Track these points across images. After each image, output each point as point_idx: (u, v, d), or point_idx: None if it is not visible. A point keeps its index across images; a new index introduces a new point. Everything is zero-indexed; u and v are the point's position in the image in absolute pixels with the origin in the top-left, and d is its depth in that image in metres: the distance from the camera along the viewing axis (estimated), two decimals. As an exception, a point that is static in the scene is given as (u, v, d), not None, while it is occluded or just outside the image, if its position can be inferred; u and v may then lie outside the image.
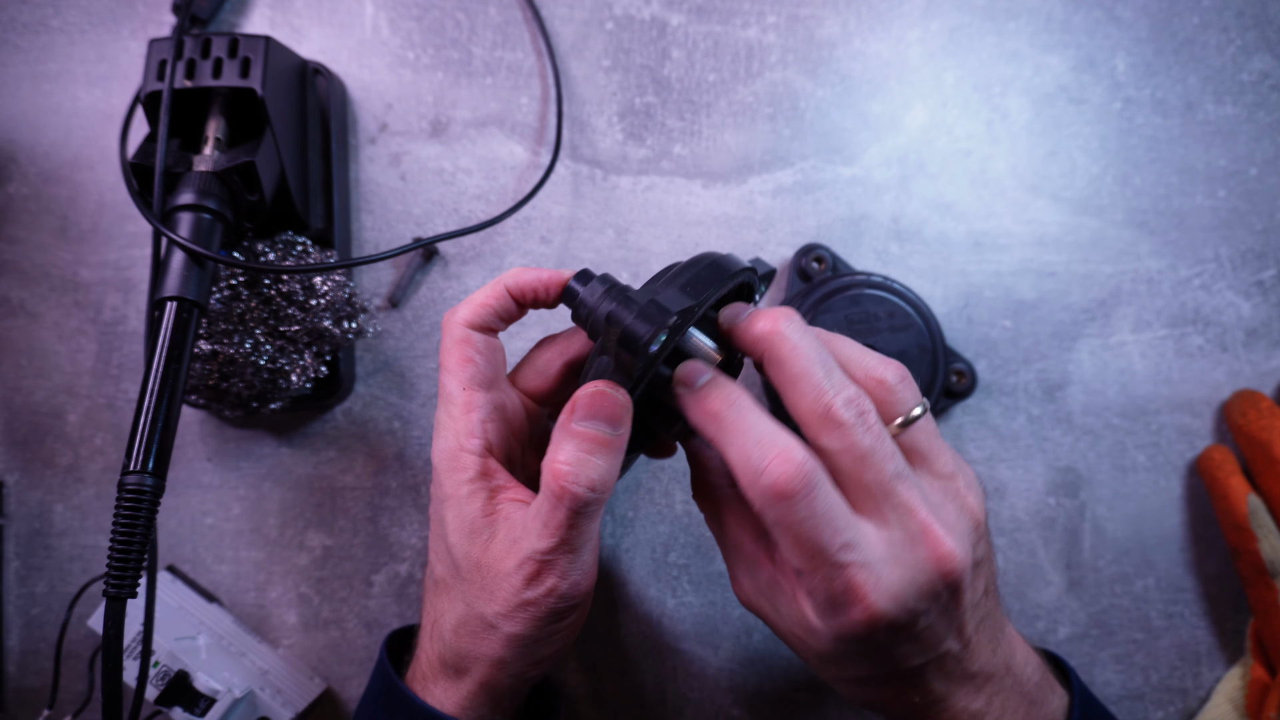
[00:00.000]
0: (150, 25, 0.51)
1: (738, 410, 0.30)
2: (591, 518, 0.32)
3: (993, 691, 0.34)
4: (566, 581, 0.33)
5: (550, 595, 0.33)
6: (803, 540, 0.29)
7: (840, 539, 0.29)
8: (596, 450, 0.31)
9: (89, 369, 0.50)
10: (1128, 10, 0.52)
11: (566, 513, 0.31)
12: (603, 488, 0.31)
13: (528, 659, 0.35)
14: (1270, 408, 0.48)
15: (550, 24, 0.52)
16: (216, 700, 0.45)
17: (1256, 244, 0.51)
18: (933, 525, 0.30)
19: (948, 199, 0.51)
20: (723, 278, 0.32)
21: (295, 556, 0.50)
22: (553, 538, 0.32)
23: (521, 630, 0.33)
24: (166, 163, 0.40)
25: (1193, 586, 0.50)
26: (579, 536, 0.32)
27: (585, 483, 0.31)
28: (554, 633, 0.34)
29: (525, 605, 0.33)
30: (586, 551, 0.33)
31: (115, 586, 0.34)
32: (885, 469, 0.30)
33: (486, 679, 0.35)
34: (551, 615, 0.33)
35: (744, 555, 0.34)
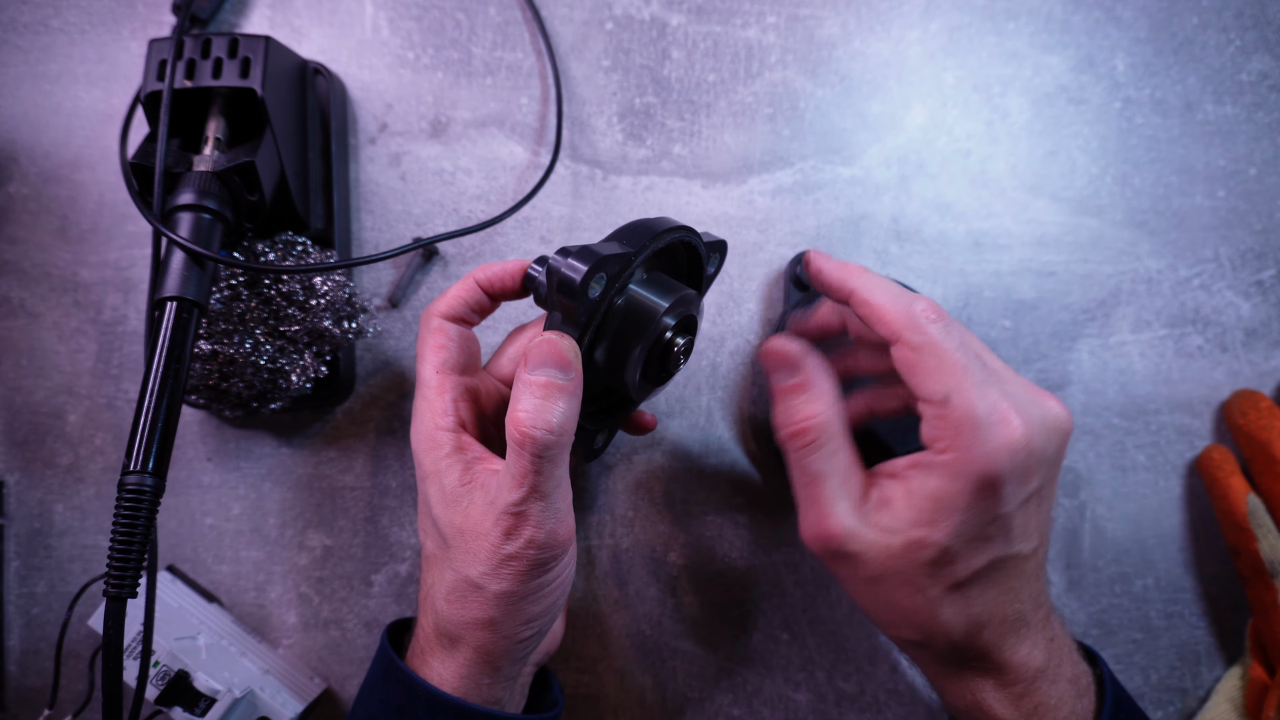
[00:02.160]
0: (150, 25, 0.51)
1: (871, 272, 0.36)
2: (555, 462, 0.33)
3: (1053, 632, 0.36)
4: (542, 531, 0.33)
5: (530, 546, 0.34)
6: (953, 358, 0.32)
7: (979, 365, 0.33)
8: (550, 395, 0.33)
9: (89, 369, 0.50)
10: (1127, 10, 0.52)
11: (530, 458, 0.32)
12: (560, 430, 0.32)
13: (518, 618, 0.35)
14: (1270, 408, 0.48)
15: (550, 24, 0.52)
16: (216, 700, 0.45)
17: (1256, 244, 0.51)
18: (1045, 392, 0.34)
19: (947, 199, 0.51)
20: (656, 231, 0.35)
21: (295, 556, 0.50)
22: (521, 487, 0.33)
23: (507, 586, 0.34)
24: (166, 163, 0.40)
25: (1192, 586, 0.50)
26: (546, 482, 0.33)
27: (543, 425, 0.32)
28: (540, 587, 0.35)
29: (507, 560, 0.34)
30: (558, 499, 0.34)
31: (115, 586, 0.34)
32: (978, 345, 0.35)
33: (480, 643, 0.36)
34: (534, 567, 0.34)
35: (851, 482, 0.35)
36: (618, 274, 0.34)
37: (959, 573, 0.33)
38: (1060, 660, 0.36)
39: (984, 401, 0.32)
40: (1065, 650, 0.36)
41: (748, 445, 0.50)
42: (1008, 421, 0.31)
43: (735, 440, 0.50)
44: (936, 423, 0.33)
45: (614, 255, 0.34)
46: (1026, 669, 0.34)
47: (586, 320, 0.34)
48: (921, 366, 0.33)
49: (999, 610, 0.34)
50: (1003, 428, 0.31)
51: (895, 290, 0.34)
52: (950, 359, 0.32)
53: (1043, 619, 0.35)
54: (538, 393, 0.33)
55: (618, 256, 0.34)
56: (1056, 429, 0.33)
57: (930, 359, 0.32)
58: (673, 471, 0.50)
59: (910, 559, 0.33)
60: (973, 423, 0.31)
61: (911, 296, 0.34)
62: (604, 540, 0.50)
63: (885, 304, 0.34)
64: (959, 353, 0.32)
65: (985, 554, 0.33)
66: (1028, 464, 0.32)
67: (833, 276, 0.37)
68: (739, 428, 0.51)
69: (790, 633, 0.50)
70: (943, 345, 0.32)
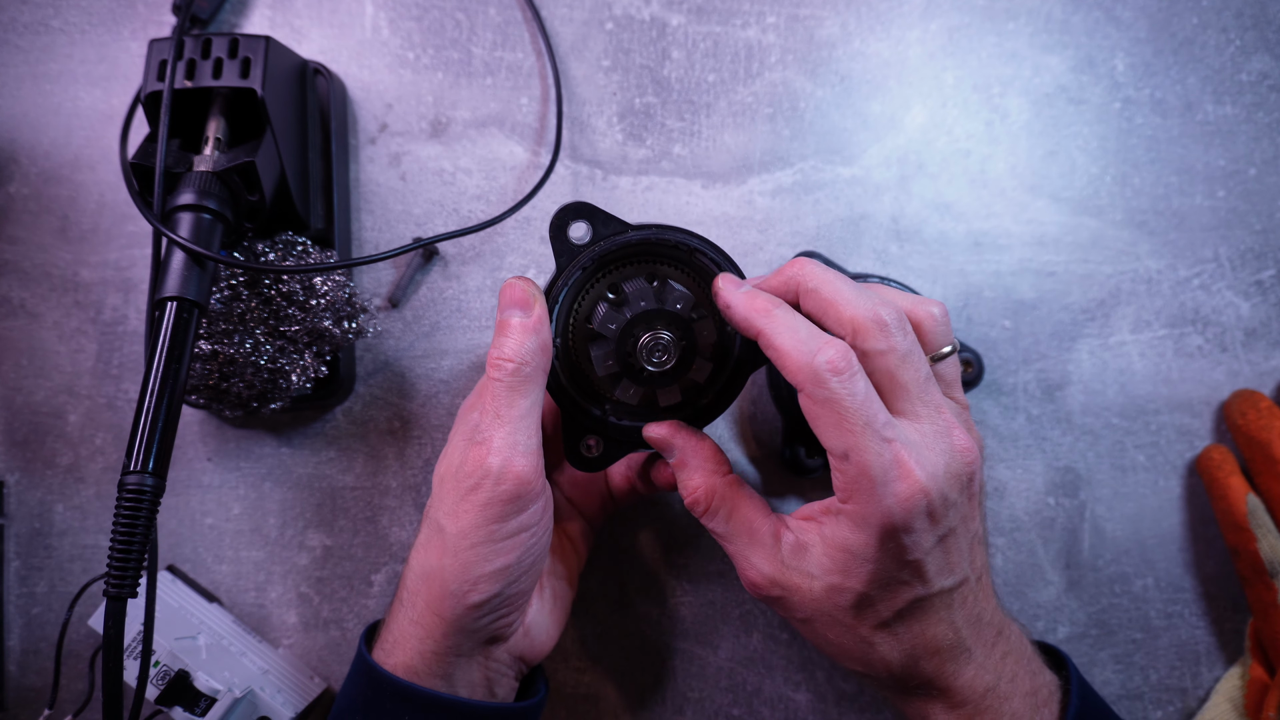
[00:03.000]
0: (150, 25, 0.51)
1: (784, 310, 0.34)
2: (518, 390, 0.35)
3: (1003, 650, 0.36)
4: (499, 457, 0.35)
5: (486, 476, 0.35)
6: (852, 415, 0.32)
7: (884, 417, 0.32)
8: (512, 330, 0.35)
9: (89, 369, 0.50)
10: (1127, 10, 0.52)
11: (492, 384, 0.35)
12: (519, 357, 0.35)
13: (469, 570, 0.36)
14: (1269, 408, 0.48)
15: (550, 24, 0.52)
16: (216, 700, 0.45)
17: (1256, 244, 0.51)
18: (954, 424, 0.34)
19: (947, 199, 0.51)
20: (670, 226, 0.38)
21: (295, 556, 0.50)
22: (487, 415, 0.35)
23: (462, 525, 0.35)
24: (166, 163, 0.40)
25: (1192, 586, 0.50)
26: (507, 409, 0.35)
27: (504, 353, 0.35)
28: (493, 536, 0.35)
29: (466, 495, 0.35)
30: (521, 432, 0.35)
31: (115, 586, 0.34)
32: (921, 369, 0.34)
33: (431, 595, 0.37)
34: (490, 504, 0.35)
35: (759, 533, 0.36)
36: (608, 236, 0.37)
37: (882, 614, 0.34)
38: (1015, 675, 0.36)
39: (880, 457, 0.31)
40: (1021, 664, 0.37)
41: (748, 445, 0.50)
42: (905, 475, 0.32)
43: (735, 440, 0.51)
44: (839, 475, 0.33)
45: (603, 212, 0.37)
46: (974, 690, 0.35)
47: (566, 262, 0.37)
48: (822, 420, 0.32)
49: (932, 641, 0.35)
50: (900, 483, 0.32)
51: (802, 335, 0.33)
52: (849, 416, 0.32)
53: (990, 639, 0.36)
54: (503, 330, 0.36)
55: (609, 217, 0.37)
56: (960, 470, 0.33)
57: (830, 414, 0.32)
58: (673, 471, 0.50)
59: (833, 602, 0.34)
60: (869, 479, 0.32)
61: (819, 343, 0.32)
62: (604, 540, 0.50)
63: (789, 351, 0.33)
64: (860, 408, 0.32)
65: (904, 595, 0.34)
66: (931, 511, 0.32)
67: (739, 313, 0.35)
68: (739, 428, 0.51)
69: (790, 633, 0.50)
70: (843, 401, 0.32)
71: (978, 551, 0.35)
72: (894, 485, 0.31)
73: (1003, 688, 0.35)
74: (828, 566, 0.34)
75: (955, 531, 0.33)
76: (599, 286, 0.39)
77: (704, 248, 0.37)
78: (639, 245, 0.37)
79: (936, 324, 0.36)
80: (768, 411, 0.50)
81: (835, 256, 0.51)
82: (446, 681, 0.38)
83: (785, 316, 0.34)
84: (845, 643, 0.36)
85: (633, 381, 0.38)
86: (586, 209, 0.37)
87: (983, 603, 0.36)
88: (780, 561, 0.35)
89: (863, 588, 0.33)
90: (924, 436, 0.33)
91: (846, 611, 0.34)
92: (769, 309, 0.34)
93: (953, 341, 0.37)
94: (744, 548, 0.37)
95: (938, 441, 0.33)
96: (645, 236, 0.37)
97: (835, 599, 0.34)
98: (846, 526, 0.33)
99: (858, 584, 0.33)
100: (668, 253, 0.38)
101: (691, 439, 0.38)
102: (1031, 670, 0.37)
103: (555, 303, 0.38)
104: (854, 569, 0.33)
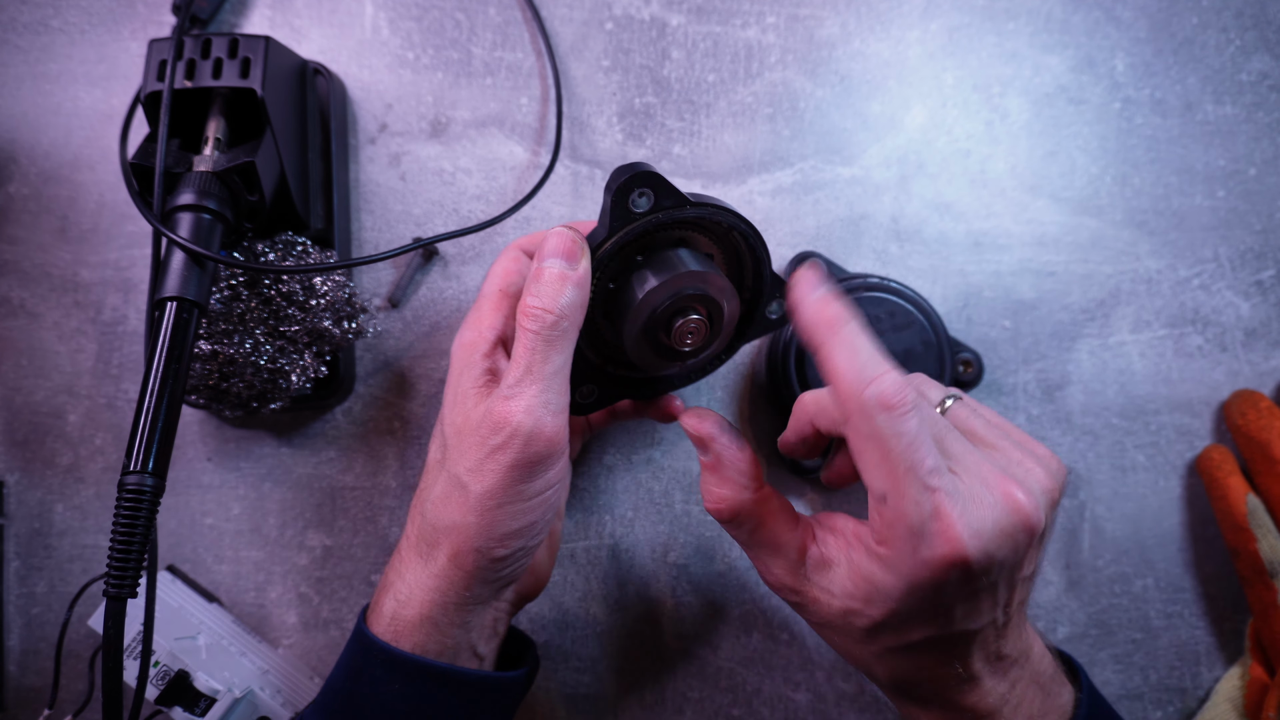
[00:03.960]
0: (150, 25, 0.51)
1: (852, 326, 0.31)
2: (554, 345, 0.34)
3: (1016, 677, 0.35)
4: (531, 418, 0.33)
5: (515, 436, 0.33)
6: (895, 457, 0.29)
7: (931, 462, 0.29)
8: (554, 281, 0.34)
9: (89, 369, 0.50)
10: (1127, 10, 0.52)
11: (529, 336, 0.33)
12: (560, 311, 0.33)
13: (494, 529, 0.35)
14: (1269, 408, 0.48)
15: (550, 24, 0.52)
16: (216, 700, 0.45)
17: (1256, 244, 0.51)
18: (1004, 477, 0.31)
19: (947, 199, 0.51)
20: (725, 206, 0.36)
21: (295, 556, 0.50)
22: (518, 368, 0.34)
23: (489, 483, 0.34)
24: (166, 163, 0.40)
25: (1192, 586, 0.50)
26: (543, 365, 0.33)
27: (545, 305, 0.33)
28: (520, 495, 0.35)
29: (493, 453, 0.34)
30: (552, 392, 0.34)
31: (115, 586, 0.34)
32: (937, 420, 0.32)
33: (455, 550, 0.35)
34: (517, 465, 0.34)
35: (784, 547, 0.35)
36: (668, 207, 0.35)
37: (893, 642, 0.33)
38: (1023, 699, 0.35)
39: (920, 508, 0.29)
40: (1033, 688, 0.35)
41: (748, 445, 0.50)
42: (944, 532, 0.29)
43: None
44: (875, 516, 0.31)
45: (667, 183, 0.34)
46: (975, 711, 0.34)
47: (619, 226, 0.35)
48: (864, 457, 0.30)
49: (937, 672, 0.34)
50: (940, 540, 0.29)
51: (861, 360, 0.30)
52: (893, 457, 0.29)
53: (1004, 669, 0.34)
54: (544, 278, 0.34)
55: (671, 189, 0.35)
56: (1015, 531, 0.30)
57: (873, 452, 0.30)
58: (673, 472, 0.50)
59: (847, 622, 0.33)
60: (907, 531, 0.29)
61: (874, 373, 0.30)
62: (604, 540, 0.50)
63: (841, 375, 0.30)
64: (905, 451, 0.29)
65: (920, 632, 0.32)
66: (968, 575, 0.30)
67: (807, 318, 0.32)
68: (739, 427, 0.51)
69: (790, 633, 0.50)
70: (887, 441, 0.29)
71: (1019, 592, 0.33)
72: (931, 541, 0.29)
73: (1006, 712, 0.34)
74: (849, 591, 0.33)
75: (995, 584, 0.31)
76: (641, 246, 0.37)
77: (749, 233, 0.37)
78: (694, 222, 0.36)
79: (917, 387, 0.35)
80: (768, 411, 0.50)
81: (835, 256, 0.51)
82: (464, 629, 0.37)
83: (849, 335, 0.31)
84: (851, 652, 0.35)
85: (656, 352, 0.37)
86: (653, 178, 0.34)
87: (1004, 640, 0.34)
88: (801, 574, 0.35)
89: (881, 618, 0.32)
90: (971, 487, 0.30)
91: (859, 632, 0.33)
92: (836, 322, 0.31)
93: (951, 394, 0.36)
94: (765, 557, 0.36)
95: (986, 493, 0.30)
96: (702, 215, 0.36)
97: (850, 620, 0.33)
98: (877, 565, 0.31)
99: (876, 614, 0.32)
100: (711, 229, 0.37)
101: (732, 445, 0.36)
102: (1045, 692, 0.36)
103: (597, 262, 0.36)
104: (876, 601, 0.32)
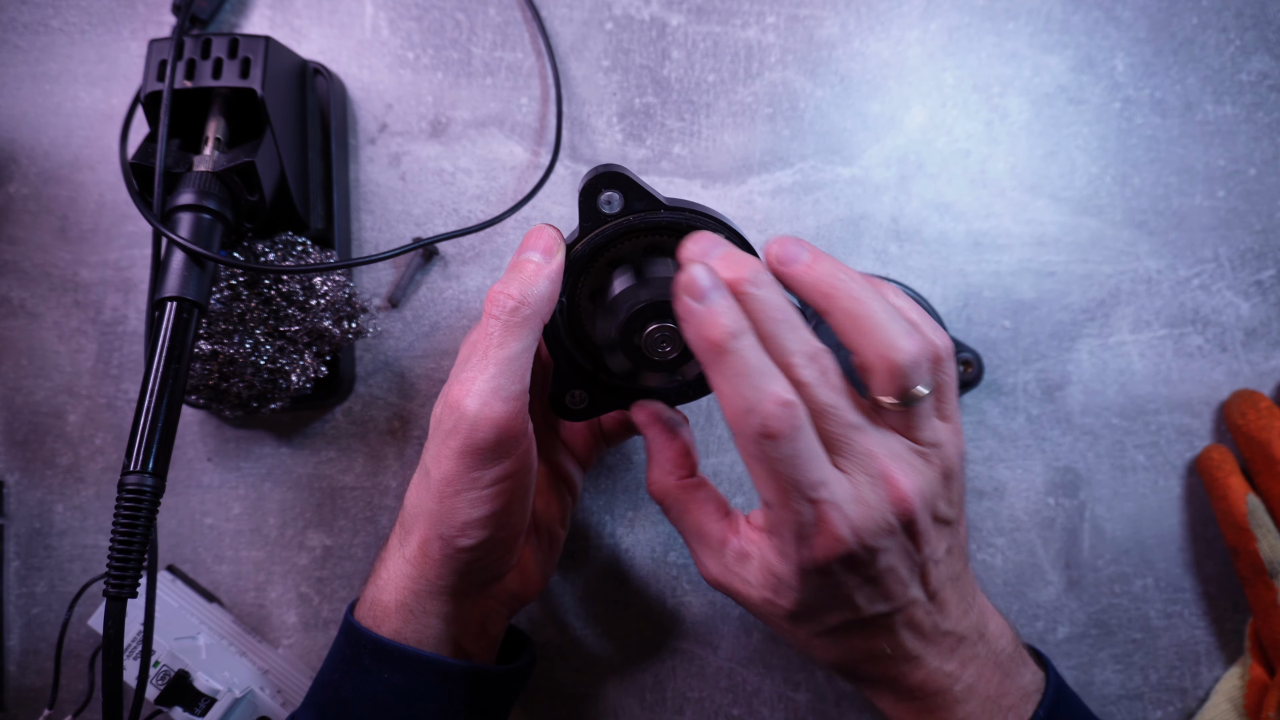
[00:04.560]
0: (150, 25, 0.51)
1: (739, 344, 0.30)
2: (510, 330, 0.34)
3: (966, 656, 0.35)
4: (477, 402, 0.33)
5: (462, 421, 0.33)
6: (780, 477, 0.30)
7: (815, 476, 0.30)
8: (525, 270, 0.34)
9: (89, 369, 0.50)
10: (1127, 10, 0.52)
11: (488, 320, 0.34)
12: (523, 299, 0.34)
13: (454, 517, 0.35)
14: (1269, 408, 0.48)
15: (550, 24, 0.52)
16: (216, 700, 0.45)
17: (1256, 244, 0.51)
18: (891, 469, 0.31)
19: (947, 199, 0.51)
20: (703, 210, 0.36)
21: (295, 556, 0.50)
22: (475, 354, 0.34)
23: (444, 471, 0.35)
24: (166, 163, 0.40)
25: (1192, 586, 0.50)
26: (499, 350, 0.34)
27: (509, 290, 0.34)
28: (475, 483, 0.35)
29: (447, 437, 0.34)
30: (507, 379, 0.34)
31: (115, 586, 0.34)
32: (844, 420, 0.31)
33: (423, 537, 0.36)
34: (469, 451, 0.34)
35: (708, 538, 0.36)
36: (640, 211, 0.35)
37: (815, 628, 0.34)
38: (977, 679, 0.35)
39: (800, 515, 0.30)
40: (989, 669, 0.35)
41: (747, 445, 0.50)
42: (824, 531, 0.30)
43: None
44: (766, 517, 0.33)
45: (638, 185, 0.35)
46: (924, 690, 0.35)
47: (591, 228, 0.36)
48: (751, 469, 0.31)
49: (871, 651, 0.34)
50: (818, 537, 0.30)
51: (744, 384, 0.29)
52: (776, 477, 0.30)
53: (949, 646, 0.35)
54: (516, 269, 0.34)
55: (643, 191, 0.35)
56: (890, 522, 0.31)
57: (759, 470, 0.31)
58: (672, 471, 0.50)
59: (769, 611, 0.34)
60: (789, 531, 0.31)
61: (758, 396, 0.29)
62: (604, 540, 0.50)
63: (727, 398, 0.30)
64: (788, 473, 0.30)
65: (834, 617, 0.33)
66: (852, 561, 0.31)
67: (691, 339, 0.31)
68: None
69: (790, 633, 0.50)
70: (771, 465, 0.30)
71: (935, 570, 0.34)
72: (812, 539, 0.31)
73: (958, 691, 0.35)
74: (762, 582, 0.34)
75: (891, 568, 0.32)
76: (617, 250, 0.37)
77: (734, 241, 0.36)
78: (669, 226, 0.36)
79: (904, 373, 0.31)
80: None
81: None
82: (443, 619, 0.37)
83: (736, 355, 0.30)
84: (788, 639, 0.36)
85: (628, 358, 0.37)
86: (621, 179, 0.35)
87: (939, 617, 0.34)
88: (725, 565, 0.35)
89: (792, 607, 0.33)
90: (856, 489, 0.31)
91: (783, 619, 0.34)
92: (720, 343, 0.29)
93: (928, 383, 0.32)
94: (694, 545, 0.37)
95: (869, 493, 0.31)
96: (676, 220, 0.36)
97: (770, 609, 0.34)
98: (773, 554, 0.33)
99: (786, 604, 0.33)
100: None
101: (662, 435, 0.38)
102: (1004, 672, 0.36)
103: (571, 264, 0.36)
104: (782, 592, 0.33)
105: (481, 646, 0.40)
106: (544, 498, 0.43)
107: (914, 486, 0.32)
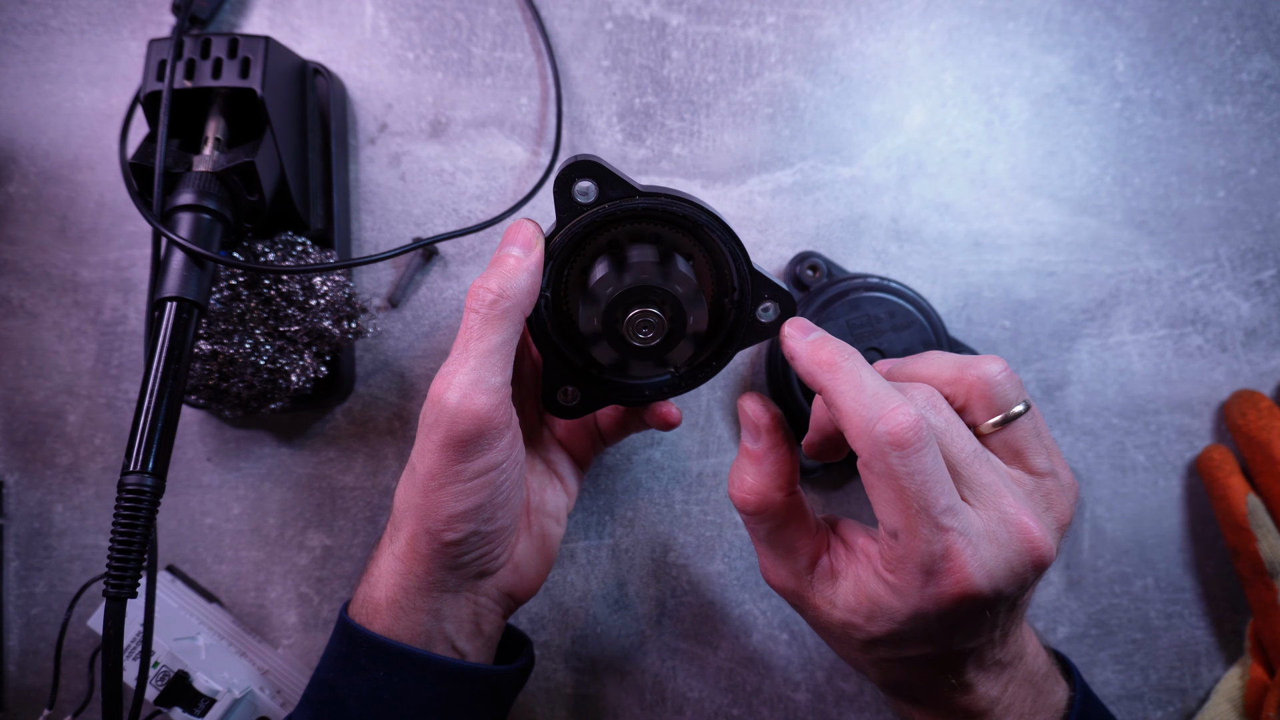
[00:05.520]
0: (150, 25, 0.51)
1: (853, 363, 0.31)
2: (490, 323, 0.34)
3: (1008, 679, 0.35)
4: (457, 394, 0.33)
5: (443, 413, 0.34)
6: (908, 496, 0.29)
7: (945, 501, 0.29)
8: (505, 264, 0.35)
9: (89, 369, 0.50)
10: (1127, 10, 0.52)
11: (469, 314, 0.34)
12: (499, 290, 0.34)
13: (439, 511, 0.35)
14: (1269, 408, 0.48)
15: (550, 24, 0.52)
16: (216, 700, 0.45)
17: (1256, 244, 0.51)
18: (1021, 512, 0.31)
19: (947, 199, 0.51)
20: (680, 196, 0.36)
21: (295, 556, 0.50)
22: (456, 347, 0.34)
23: (428, 465, 0.35)
24: (166, 163, 0.40)
25: (1192, 586, 0.50)
26: (478, 343, 0.34)
27: (488, 284, 0.34)
28: (458, 476, 0.34)
29: (428, 433, 0.34)
30: (487, 370, 0.34)
31: (115, 586, 0.34)
32: (963, 445, 0.31)
33: (411, 532, 0.36)
34: (450, 444, 0.34)
35: (798, 552, 0.35)
36: (615, 199, 0.35)
37: (889, 655, 0.33)
38: (1014, 699, 0.35)
39: (930, 546, 0.29)
40: (1025, 688, 0.36)
41: (747, 445, 0.50)
42: (955, 572, 0.29)
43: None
44: (885, 549, 0.31)
45: (611, 173, 0.35)
46: (966, 712, 0.35)
47: (568, 219, 0.36)
48: (877, 493, 0.30)
49: (928, 682, 0.34)
50: (950, 580, 0.29)
51: (867, 396, 0.30)
52: (906, 496, 0.29)
53: (996, 673, 0.35)
54: (496, 263, 0.35)
55: (616, 179, 0.35)
56: (1026, 569, 0.30)
57: (885, 489, 0.30)
58: (673, 471, 0.50)
59: (845, 633, 0.34)
60: (917, 567, 0.30)
61: (884, 408, 0.29)
62: (604, 540, 0.50)
63: (849, 415, 0.30)
64: (918, 490, 0.29)
65: (919, 649, 0.33)
66: (980, 607, 0.30)
67: (804, 364, 0.33)
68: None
69: (790, 633, 0.50)
70: (899, 480, 0.29)
71: (1015, 616, 0.33)
72: (941, 580, 0.29)
73: (997, 712, 0.35)
74: (852, 606, 0.33)
75: (999, 612, 0.31)
76: (600, 240, 0.37)
77: (711, 225, 0.36)
78: (644, 213, 0.36)
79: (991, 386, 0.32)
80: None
81: (835, 256, 0.51)
82: (433, 616, 0.37)
83: (851, 372, 0.31)
84: (847, 656, 0.36)
85: (612, 346, 0.37)
86: (595, 168, 0.35)
87: (1000, 650, 0.34)
88: (807, 580, 0.35)
89: (880, 635, 0.32)
90: (986, 524, 0.30)
91: (856, 643, 0.34)
92: (835, 362, 0.31)
93: (1023, 398, 0.33)
94: (776, 557, 0.36)
95: (1001, 531, 0.30)
96: (652, 206, 0.35)
97: (849, 631, 0.33)
98: (883, 588, 0.31)
99: (876, 631, 0.32)
100: (676, 221, 0.37)
101: (781, 445, 0.36)
102: (1038, 691, 0.36)
103: (550, 256, 0.36)
104: (877, 620, 0.32)
105: (476, 645, 0.40)
106: (538, 496, 0.43)
107: (1045, 533, 0.31)
